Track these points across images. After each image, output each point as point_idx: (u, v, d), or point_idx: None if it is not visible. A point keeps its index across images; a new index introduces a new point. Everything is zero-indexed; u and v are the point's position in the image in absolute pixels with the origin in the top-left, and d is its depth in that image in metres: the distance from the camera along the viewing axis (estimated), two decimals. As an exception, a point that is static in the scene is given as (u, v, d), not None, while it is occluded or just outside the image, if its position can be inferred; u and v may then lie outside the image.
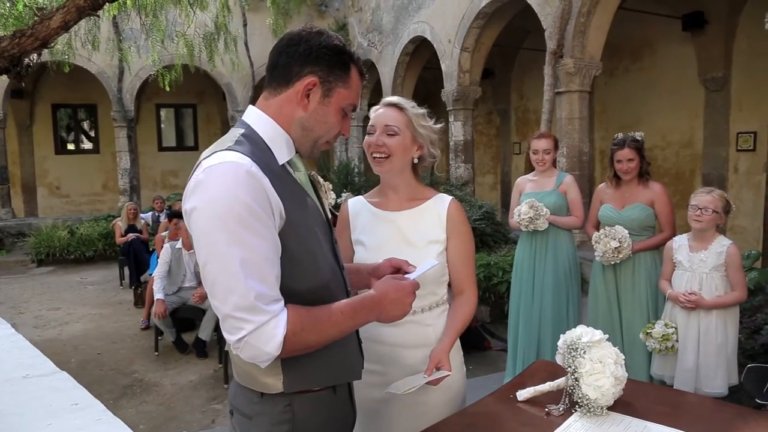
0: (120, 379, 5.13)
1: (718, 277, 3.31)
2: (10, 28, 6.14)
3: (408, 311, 1.48)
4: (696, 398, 2.07)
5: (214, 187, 1.25)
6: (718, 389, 3.26)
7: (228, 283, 1.24)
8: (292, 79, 1.39)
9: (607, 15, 6.99)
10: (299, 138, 1.44)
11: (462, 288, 1.96)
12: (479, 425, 1.64)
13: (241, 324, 1.24)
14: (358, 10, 13.35)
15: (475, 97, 9.92)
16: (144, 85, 13.45)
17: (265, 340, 1.25)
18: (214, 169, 1.27)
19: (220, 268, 1.24)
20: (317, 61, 1.39)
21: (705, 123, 8.75)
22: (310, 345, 1.33)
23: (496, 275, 6.02)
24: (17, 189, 14.18)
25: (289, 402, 1.41)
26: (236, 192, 1.24)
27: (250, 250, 1.24)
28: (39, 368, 2.57)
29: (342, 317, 1.36)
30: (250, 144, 1.35)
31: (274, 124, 1.41)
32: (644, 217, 3.80)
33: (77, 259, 10.99)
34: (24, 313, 7.52)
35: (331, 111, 1.43)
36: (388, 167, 1.89)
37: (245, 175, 1.25)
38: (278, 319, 1.26)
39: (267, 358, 1.27)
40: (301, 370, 1.40)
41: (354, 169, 12.60)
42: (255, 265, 1.24)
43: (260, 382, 1.41)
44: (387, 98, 1.94)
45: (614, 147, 3.85)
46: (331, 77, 1.40)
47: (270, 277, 1.27)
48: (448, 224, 1.92)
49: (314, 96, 1.40)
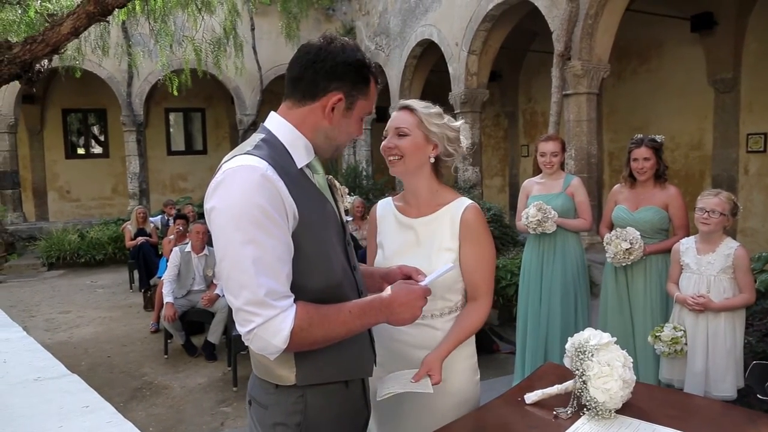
0: (130, 382, 5.15)
1: (726, 280, 3.27)
2: (21, 34, 6.20)
3: (418, 315, 1.52)
4: (705, 401, 2.06)
5: (231, 189, 1.34)
6: (727, 392, 3.23)
7: (241, 279, 1.32)
8: (318, 94, 1.48)
9: (615, 17, 6.97)
10: (323, 145, 1.54)
11: (476, 295, 1.91)
12: (487, 428, 1.64)
13: (251, 317, 1.33)
14: (366, 13, 13.37)
15: (482, 100, 9.90)
16: (153, 89, 13.54)
17: (273, 333, 1.33)
18: (232, 171, 1.36)
19: (234, 265, 1.33)
20: (343, 78, 1.47)
21: (714, 124, 8.70)
22: (318, 341, 1.40)
23: (505, 278, 6.01)
24: (28, 193, 14.30)
25: (302, 393, 1.49)
26: (252, 194, 1.32)
27: (263, 249, 1.32)
28: (50, 371, 2.59)
29: (350, 317, 1.42)
30: (269, 148, 1.44)
31: (293, 130, 1.49)
32: (657, 220, 3.77)
33: (87, 263, 11.07)
34: (35, 317, 7.57)
35: (353, 121, 1.54)
36: (402, 168, 1.90)
37: (260, 178, 1.34)
38: (286, 314, 1.34)
39: (275, 350, 1.36)
40: (314, 364, 1.47)
41: (362, 172, 12.62)
42: (267, 263, 1.33)
43: (275, 374, 1.49)
44: (401, 101, 1.96)
45: (632, 145, 3.82)
46: (354, 91, 1.50)
47: (281, 275, 1.35)
48: (462, 230, 1.87)
49: (338, 109, 1.49)
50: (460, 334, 1.86)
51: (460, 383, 1.89)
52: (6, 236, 11.77)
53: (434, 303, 1.86)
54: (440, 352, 1.79)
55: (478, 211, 1.90)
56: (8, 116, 12.19)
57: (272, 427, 1.51)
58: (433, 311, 1.88)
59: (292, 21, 12.11)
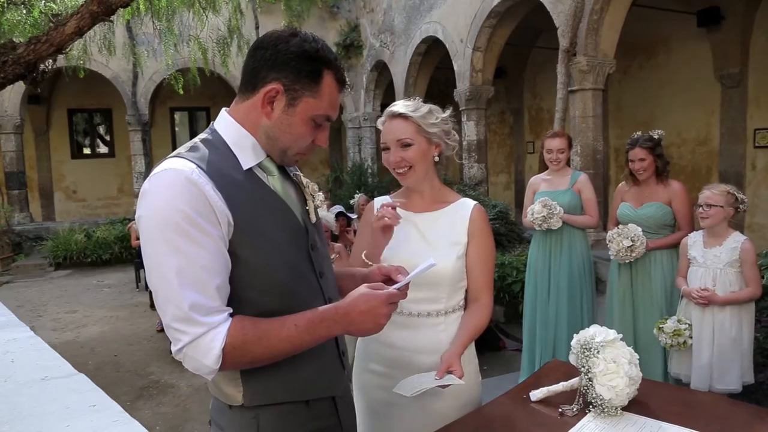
0: (137, 381, 5.17)
1: (733, 273, 3.29)
2: (26, 34, 6.22)
3: (382, 324, 1.32)
4: (711, 398, 2.05)
5: (154, 196, 1.23)
6: (731, 385, 3.25)
7: (166, 293, 1.22)
8: (257, 84, 1.34)
9: (621, 12, 6.93)
10: (266, 146, 1.38)
11: (478, 295, 1.93)
12: (492, 425, 1.63)
13: (178, 335, 1.22)
14: (370, 11, 13.35)
15: (487, 97, 9.88)
16: (158, 89, 13.56)
17: (203, 352, 1.22)
18: (156, 177, 1.25)
19: (159, 278, 1.22)
20: (283, 67, 1.31)
21: (721, 120, 8.64)
22: (258, 359, 1.28)
23: (510, 275, 5.99)
24: (35, 194, 14.37)
25: (254, 415, 1.37)
26: (173, 200, 1.21)
27: (187, 259, 1.20)
28: (57, 370, 2.60)
29: (296, 330, 1.27)
30: (208, 149, 1.32)
31: (239, 129, 1.36)
32: (661, 216, 3.78)
33: (94, 263, 11.12)
34: (42, 316, 7.61)
35: (296, 121, 1.35)
36: (414, 178, 1.90)
37: (184, 181, 1.22)
38: (216, 331, 1.22)
39: (208, 371, 1.25)
40: (262, 382, 1.35)
41: (367, 170, 12.60)
42: (191, 274, 1.21)
43: (224, 393, 1.38)
44: (391, 108, 1.90)
45: (628, 146, 3.87)
46: (297, 85, 1.32)
47: (208, 287, 1.22)
48: (470, 228, 1.90)
49: (278, 104, 1.34)
50: (471, 331, 1.86)
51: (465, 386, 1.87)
52: (13, 236, 11.84)
53: (438, 303, 1.87)
54: (455, 349, 1.79)
55: (484, 211, 1.96)
56: (14, 117, 12.24)
57: None
58: (438, 310, 1.88)
59: (296, 19, 12.10)
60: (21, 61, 5.35)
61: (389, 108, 1.91)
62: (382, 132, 1.91)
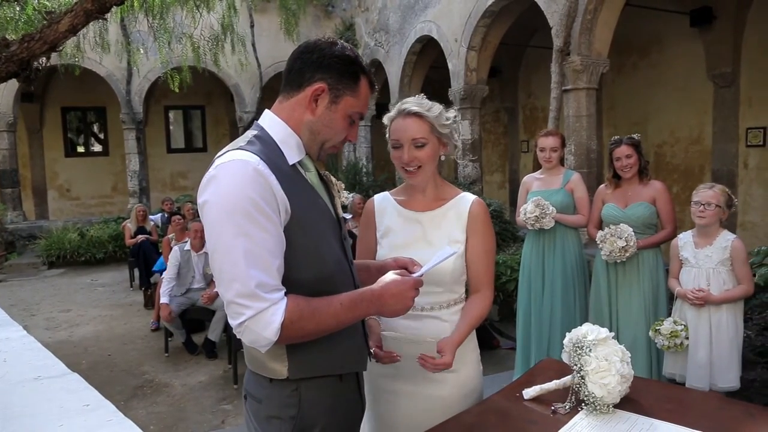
0: (130, 380, 5.16)
1: (725, 272, 3.33)
2: (19, 32, 6.19)
3: (409, 306, 1.51)
4: (702, 395, 2.07)
5: (224, 183, 1.35)
6: (732, 383, 3.29)
7: (232, 272, 1.34)
8: (303, 84, 1.49)
9: (614, 12, 6.95)
10: (308, 141, 1.53)
11: (478, 287, 1.96)
12: (486, 423, 1.64)
13: (241, 309, 1.33)
14: (365, 10, 13.35)
15: (482, 96, 9.89)
16: (152, 87, 13.51)
17: (264, 325, 1.34)
18: (225, 166, 1.37)
19: (226, 257, 1.34)
20: (328, 69, 1.48)
21: (714, 119, 8.68)
22: (308, 333, 1.41)
23: (505, 273, 6.00)
24: (28, 192, 14.29)
25: (295, 387, 1.50)
26: (244, 188, 1.33)
27: (254, 242, 1.33)
28: (51, 370, 2.60)
29: (341, 309, 1.42)
30: (261, 144, 1.45)
31: (285, 127, 1.50)
32: (648, 215, 3.83)
33: (88, 261, 11.07)
34: (35, 315, 7.58)
35: (338, 117, 1.52)
36: (423, 177, 1.91)
37: (253, 172, 1.35)
38: (277, 306, 1.35)
39: (266, 343, 1.37)
40: (306, 357, 1.48)
41: (362, 169, 12.60)
42: (258, 255, 1.34)
43: (268, 368, 1.50)
44: (404, 106, 1.89)
45: (612, 146, 3.92)
46: (340, 85, 1.49)
47: (271, 268, 1.36)
48: (469, 223, 1.92)
49: (322, 101, 1.49)
50: (471, 321, 1.90)
51: (468, 372, 1.95)
52: (6, 235, 11.78)
53: (441, 295, 1.91)
54: (454, 338, 1.83)
55: (484, 205, 1.98)
56: (7, 114, 12.18)
57: (267, 420, 1.52)
58: (441, 303, 1.91)
59: (291, 17, 12.08)
60: (14, 58, 5.32)
61: (401, 105, 1.90)
62: (393, 129, 1.89)
